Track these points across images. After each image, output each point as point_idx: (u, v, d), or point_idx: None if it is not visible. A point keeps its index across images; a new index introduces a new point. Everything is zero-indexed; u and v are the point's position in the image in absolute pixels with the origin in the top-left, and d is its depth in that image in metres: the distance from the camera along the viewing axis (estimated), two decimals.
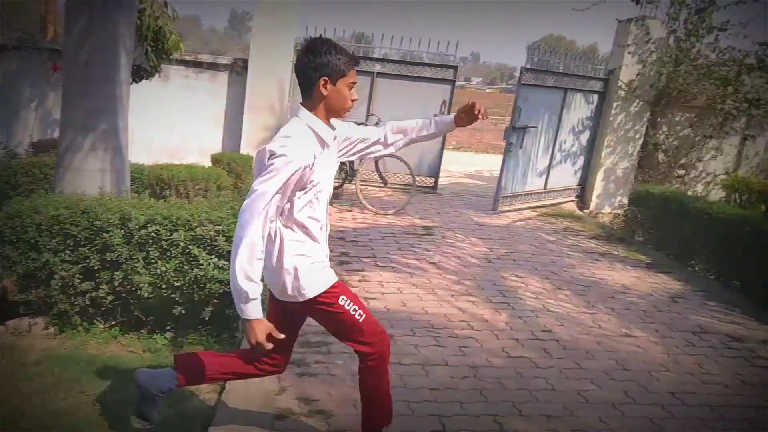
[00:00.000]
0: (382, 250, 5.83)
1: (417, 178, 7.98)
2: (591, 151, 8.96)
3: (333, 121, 2.34)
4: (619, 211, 8.78)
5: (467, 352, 3.86)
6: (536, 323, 4.48)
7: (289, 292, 2.32)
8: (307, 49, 2.23)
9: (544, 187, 8.67)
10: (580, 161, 8.98)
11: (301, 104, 2.29)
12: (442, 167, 8.94)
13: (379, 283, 4.92)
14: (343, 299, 2.40)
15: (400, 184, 8.38)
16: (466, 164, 12.39)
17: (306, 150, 2.18)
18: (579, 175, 9.08)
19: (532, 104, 7.86)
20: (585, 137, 8.85)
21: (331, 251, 2.59)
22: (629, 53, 8.30)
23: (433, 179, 8.82)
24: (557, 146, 8.51)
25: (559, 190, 8.87)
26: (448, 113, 8.43)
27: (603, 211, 8.97)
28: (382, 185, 7.91)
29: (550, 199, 8.76)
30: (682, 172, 8.93)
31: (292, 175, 2.12)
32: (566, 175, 8.90)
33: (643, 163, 8.92)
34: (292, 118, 2.30)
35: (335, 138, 2.37)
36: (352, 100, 2.30)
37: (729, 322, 4.95)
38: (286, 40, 7.96)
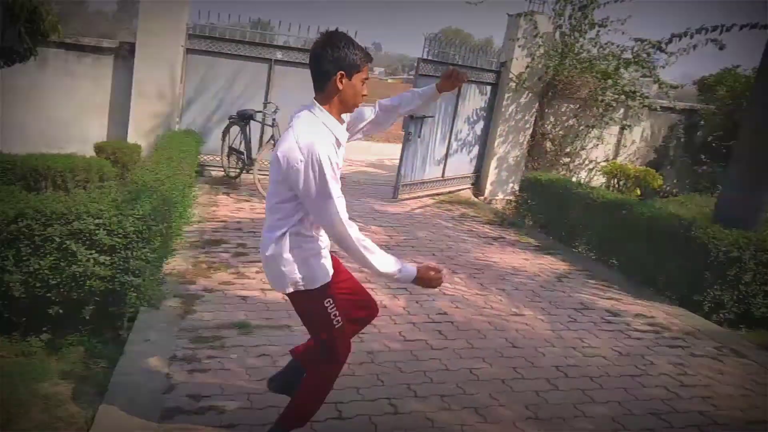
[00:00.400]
0: None
1: None
2: (485, 140, 9.29)
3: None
4: (511, 198, 9.19)
5: (365, 339, 3.88)
6: (432, 307, 4.60)
7: (287, 281, 2.33)
8: (326, 42, 2.21)
9: (442, 175, 8.89)
10: (475, 150, 9.28)
11: (315, 99, 2.27)
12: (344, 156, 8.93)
13: None
14: (329, 302, 2.40)
15: None
16: (368, 153, 12.44)
17: (331, 149, 2.19)
18: (474, 163, 9.39)
19: None
20: (479, 127, 9.16)
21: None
22: (519, 47, 8.67)
23: None
24: (453, 135, 8.75)
25: (456, 178, 9.13)
26: None
27: (497, 197, 9.35)
28: None
29: (447, 187, 9.00)
30: (567, 159, 9.47)
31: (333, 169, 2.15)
32: (462, 164, 9.18)
33: (533, 151, 9.38)
34: (304, 113, 2.26)
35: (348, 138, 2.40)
36: (363, 95, 2.31)
37: (608, 298, 5.33)
38: (176, 24, 7.60)
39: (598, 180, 9.48)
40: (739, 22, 6.23)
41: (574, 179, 9.08)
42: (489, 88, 9.01)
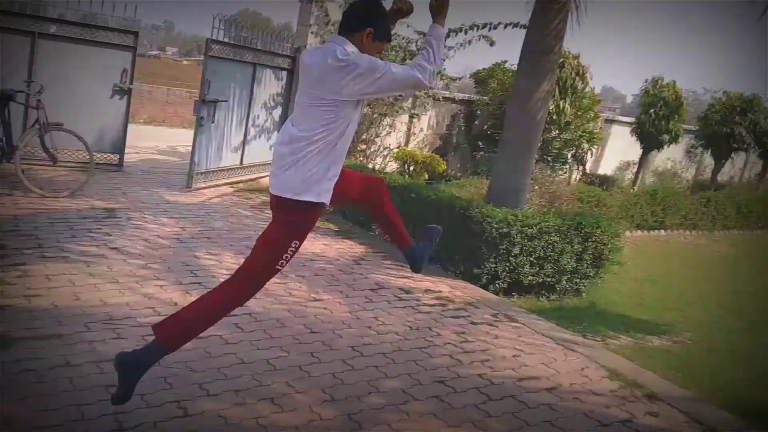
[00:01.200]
0: (51, 239, 5.08)
1: (98, 155, 7.19)
2: None
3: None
4: None
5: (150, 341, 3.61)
6: None
7: (291, 186, 2.64)
8: (373, 2, 2.73)
9: (241, 163, 8.63)
10: (275, 136, 9.17)
11: (345, 36, 2.64)
12: (130, 143, 8.20)
13: (45, 277, 4.27)
14: (295, 246, 2.77)
15: (75, 162, 7.40)
16: (160, 139, 11.62)
17: None
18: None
19: (222, 78, 7.70)
20: (277, 113, 9.05)
21: None
22: (312, 33, 8.70)
23: (118, 156, 8.02)
24: (251, 121, 8.53)
25: (256, 165, 8.94)
26: (130, 83, 7.74)
27: None
28: (51, 164, 6.88)
29: (247, 174, 8.77)
30: (364, 146, 9.82)
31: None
32: (262, 151, 9.00)
33: None
34: (337, 39, 2.64)
35: None
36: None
37: (401, 277, 5.63)
38: None
39: (393, 166, 9.99)
40: (505, 21, 6.96)
41: (370, 165, 9.45)
42: (285, 73, 8.93)
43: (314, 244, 6.25)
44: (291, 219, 2.75)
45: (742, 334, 5.67)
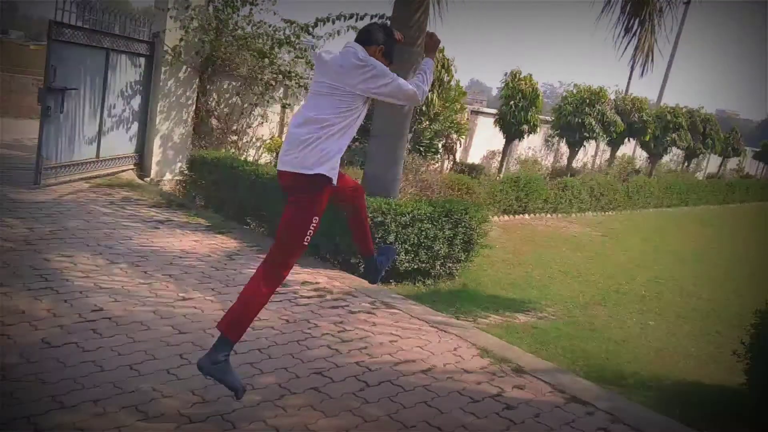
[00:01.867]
0: None
1: None
2: (145, 117, 8.64)
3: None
4: (179, 178, 8.80)
5: None
6: (85, 304, 4.07)
7: (307, 163, 2.95)
8: (388, 27, 3.27)
9: (97, 156, 7.97)
10: (135, 127, 8.57)
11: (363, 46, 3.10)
12: None
13: None
14: (317, 220, 3.04)
15: None
16: (4, 131, 10.46)
17: None
18: (136, 142, 8.67)
19: (71, 64, 7.04)
20: (137, 102, 8.46)
21: None
22: (171, 17, 8.19)
23: None
24: (106, 111, 7.90)
25: (115, 159, 8.31)
26: None
27: (165, 178, 8.84)
28: None
29: (105, 168, 8.12)
30: (235, 137, 9.47)
31: None
32: (121, 143, 8.39)
33: (199, 129, 9.10)
34: (356, 45, 3.09)
35: None
36: None
37: None
38: None
39: (267, 157, 9.74)
40: (371, 12, 7.02)
41: (243, 157, 9.14)
42: (143, 60, 8.35)
43: (183, 241, 5.93)
44: (306, 197, 3.05)
45: (597, 308, 6.19)
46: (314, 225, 3.04)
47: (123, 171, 8.43)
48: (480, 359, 4.20)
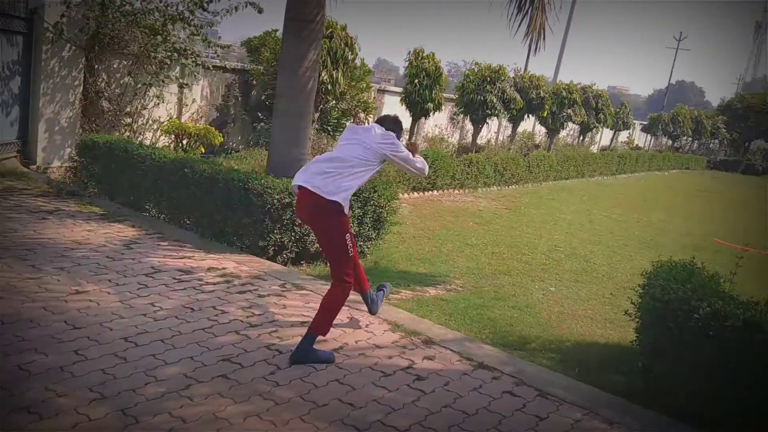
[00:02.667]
0: None
1: None
2: (27, 99, 7.96)
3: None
4: (69, 164, 8.22)
5: None
6: None
7: (326, 190, 3.64)
8: (398, 121, 4.20)
9: None
10: (17, 111, 7.89)
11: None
12: None
13: None
14: (349, 236, 3.75)
15: None
16: None
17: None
18: (18, 127, 7.99)
19: None
20: (16, 84, 7.78)
21: None
22: None
23: None
24: None
25: None
26: None
27: (53, 165, 8.23)
28: None
29: None
30: (129, 120, 8.95)
31: None
32: (1, 128, 7.71)
33: (88, 111, 8.51)
34: (379, 126, 4.01)
35: None
36: None
37: (180, 258, 5.29)
38: None
39: (166, 140, 9.28)
40: None
41: (140, 140, 8.67)
42: (21, 38, 7.67)
43: (75, 231, 5.57)
44: (327, 221, 3.73)
45: (503, 277, 6.42)
46: (349, 240, 3.74)
47: (5, 159, 7.76)
48: (391, 334, 4.25)
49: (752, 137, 35.02)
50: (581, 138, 21.45)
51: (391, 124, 4.12)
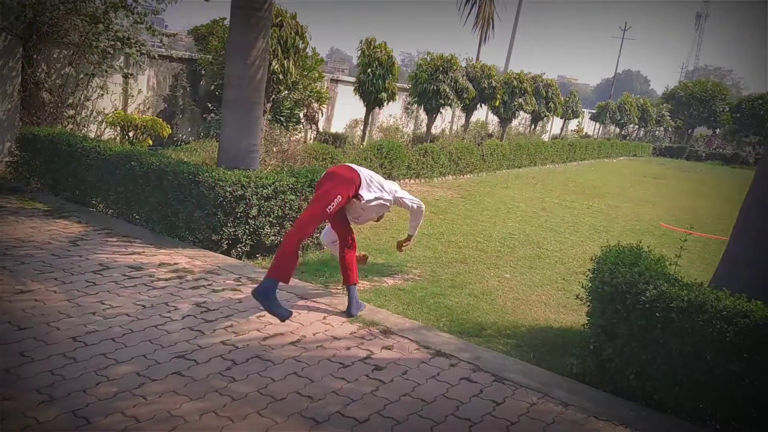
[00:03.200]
0: None
1: None
2: None
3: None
4: (9, 159, 7.86)
5: None
6: None
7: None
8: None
9: None
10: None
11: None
12: None
13: None
14: (339, 199, 4.15)
15: None
16: None
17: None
18: None
19: None
20: None
21: None
22: None
23: None
24: None
25: None
26: None
27: None
28: None
29: None
30: (72, 112, 8.61)
31: None
32: None
33: (28, 104, 8.15)
34: (389, 184, 4.63)
35: None
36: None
37: (130, 254, 5.14)
38: None
39: (112, 132, 8.98)
40: None
41: (83, 133, 8.36)
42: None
43: (17, 228, 5.35)
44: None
45: (459, 266, 6.48)
46: (335, 202, 4.07)
47: None
48: (349, 325, 4.24)
49: (695, 124, 36.36)
50: (533, 127, 21.82)
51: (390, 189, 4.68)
